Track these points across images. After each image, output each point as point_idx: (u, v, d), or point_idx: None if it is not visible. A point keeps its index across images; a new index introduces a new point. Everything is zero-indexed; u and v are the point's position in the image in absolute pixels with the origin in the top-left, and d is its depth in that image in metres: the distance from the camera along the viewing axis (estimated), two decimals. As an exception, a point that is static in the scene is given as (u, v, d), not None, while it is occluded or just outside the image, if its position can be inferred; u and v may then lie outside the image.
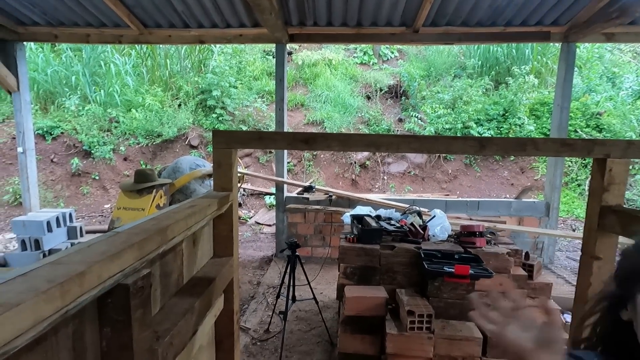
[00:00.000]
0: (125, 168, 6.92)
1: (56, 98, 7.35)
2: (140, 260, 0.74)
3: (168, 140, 7.04)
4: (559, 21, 4.00)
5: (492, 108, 7.08)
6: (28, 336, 0.47)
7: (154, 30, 4.34)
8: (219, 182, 1.42)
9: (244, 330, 2.95)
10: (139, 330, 0.72)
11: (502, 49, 7.76)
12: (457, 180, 6.86)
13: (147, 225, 0.87)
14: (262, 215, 6.20)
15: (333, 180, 6.78)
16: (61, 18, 4.25)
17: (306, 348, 2.73)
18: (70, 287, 0.54)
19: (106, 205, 6.47)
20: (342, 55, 8.58)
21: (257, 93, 7.80)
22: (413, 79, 7.75)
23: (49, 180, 6.64)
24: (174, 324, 0.92)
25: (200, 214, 1.11)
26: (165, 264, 1.01)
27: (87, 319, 0.67)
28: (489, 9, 3.81)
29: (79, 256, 0.63)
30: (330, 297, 3.49)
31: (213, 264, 1.35)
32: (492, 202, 4.60)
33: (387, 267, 2.40)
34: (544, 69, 7.63)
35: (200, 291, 1.12)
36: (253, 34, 4.29)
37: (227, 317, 1.43)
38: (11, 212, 6.06)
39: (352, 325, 2.26)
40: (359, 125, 7.37)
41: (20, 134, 4.64)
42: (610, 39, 4.24)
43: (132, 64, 7.79)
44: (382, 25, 4.11)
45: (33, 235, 3.71)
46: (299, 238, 4.30)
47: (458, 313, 2.22)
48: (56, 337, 0.60)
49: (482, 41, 4.99)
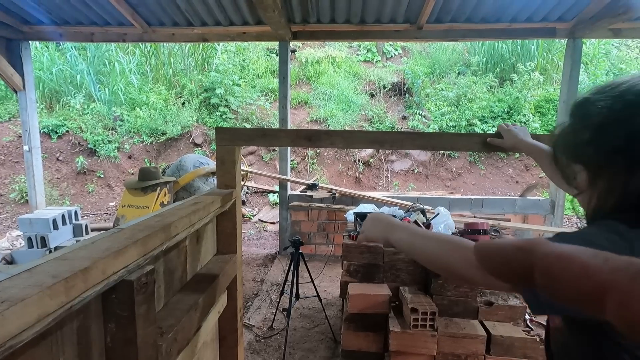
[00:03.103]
0: (130, 166, 6.96)
1: (61, 97, 7.41)
2: (144, 257, 0.75)
3: (172, 139, 7.07)
4: (565, 17, 3.96)
5: (496, 105, 7.03)
6: (33, 331, 0.47)
7: (157, 28, 4.35)
8: (222, 180, 1.42)
9: (248, 327, 2.96)
10: (143, 326, 0.72)
11: (507, 45, 7.69)
12: (461, 178, 6.83)
13: (151, 222, 0.88)
14: (266, 213, 6.21)
15: (336, 178, 6.78)
16: (66, 17, 4.27)
17: (310, 345, 2.74)
18: (74, 283, 0.54)
19: (111, 203, 6.52)
20: (346, 52, 8.55)
21: (260, 91, 7.81)
22: (417, 77, 7.71)
23: (54, 179, 6.70)
24: (177, 320, 0.93)
25: (203, 211, 1.11)
26: (169, 261, 1.02)
27: (92, 315, 0.68)
28: (493, 5, 3.78)
29: (83, 252, 0.64)
30: (333, 294, 3.50)
31: (217, 261, 1.36)
32: (496, 200, 4.57)
33: (391, 265, 2.40)
34: (550, 65, 7.56)
35: (204, 288, 1.12)
36: (256, 32, 4.29)
37: (231, 313, 1.44)
38: (18, 210, 6.12)
39: (355, 322, 2.26)
40: (362, 123, 7.35)
41: (26, 133, 4.68)
42: (617, 35, 4.19)
43: (136, 63, 7.82)
44: (385, 22, 4.09)
45: (39, 233, 3.75)
46: (302, 236, 4.30)
47: (462, 311, 2.21)
48: (61, 332, 0.60)
49: (486, 38, 4.95)
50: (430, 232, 0.77)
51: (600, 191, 0.64)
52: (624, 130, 0.59)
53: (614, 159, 0.60)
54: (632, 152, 0.58)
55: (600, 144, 0.62)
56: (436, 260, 0.71)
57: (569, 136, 0.68)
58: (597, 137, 0.62)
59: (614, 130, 0.60)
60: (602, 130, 0.61)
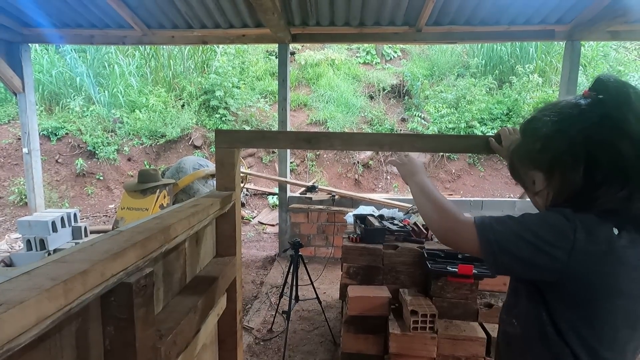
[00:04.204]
0: (129, 168, 6.96)
1: (61, 99, 7.41)
2: (143, 259, 0.75)
3: (171, 141, 7.07)
4: (564, 19, 3.98)
5: (495, 107, 7.04)
6: (32, 334, 0.47)
7: (157, 31, 4.36)
8: (221, 182, 1.42)
9: (247, 329, 2.95)
10: (141, 329, 0.72)
11: (505, 47, 7.71)
12: (460, 180, 6.83)
13: (150, 224, 0.88)
14: (265, 215, 6.21)
15: (336, 180, 6.78)
16: (66, 19, 4.28)
17: (309, 348, 2.73)
18: (73, 285, 0.54)
19: (110, 206, 6.51)
20: (345, 55, 8.57)
21: (260, 93, 7.81)
22: (416, 79, 7.72)
23: (53, 181, 6.69)
24: (176, 323, 0.92)
25: (203, 213, 1.11)
26: (168, 263, 1.02)
27: (91, 317, 0.68)
28: (492, 8, 3.79)
29: (82, 255, 0.64)
30: (333, 296, 3.49)
31: (216, 263, 1.36)
32: (496, 202, 4.58)
33: (390, 267, 2.40)
34: (548, 67, 7.58)
35: (203, 290, 1.12)
36: (256, 34, 4.30)
37: (230, 316, 1.44)
38: (17, 212, 6.10)
39: (355, 325, 2.26)
40: (362, 125, 7.36)
41: (25, 135, 4.68)
42: (615, 37, 4.21)
43: (135, 65, 7.83)
44: (385, 25, 4.10)
45: (38, 235, 3.75)
46: (302, 238, 4.30)
47: (462, 313, 2.21)
48: (60, 334, 0.60)
49: (485, 40, 4.97)
50: (432, 192, 0.94)
51: (555, 187, 0.78)
52: (566, 136, 0.74)
53: (562, 159, 0.75)
54: (574, 152, 0.73)
55: (550, 150, 0.77)
56: (423, 213, 0.91)
57: (523, 149, 0.84)
58: (547, 145, 0.78)
59: (559, 137, 0.76)
60: (550, 138, 0.77)
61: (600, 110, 0.73)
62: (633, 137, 0.70)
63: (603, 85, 0.75)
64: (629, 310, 0.73)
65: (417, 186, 1.00)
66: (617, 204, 0.71)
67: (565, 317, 0.74)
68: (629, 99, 0.71)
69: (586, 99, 0.76)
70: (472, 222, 0.78)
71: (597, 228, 0.70)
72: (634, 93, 0.72)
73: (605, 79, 0.76)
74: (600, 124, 0.72)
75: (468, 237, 0.77)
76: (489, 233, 0.75)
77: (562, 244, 0.70)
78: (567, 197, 0.76)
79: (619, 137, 0.70)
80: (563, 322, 0.74)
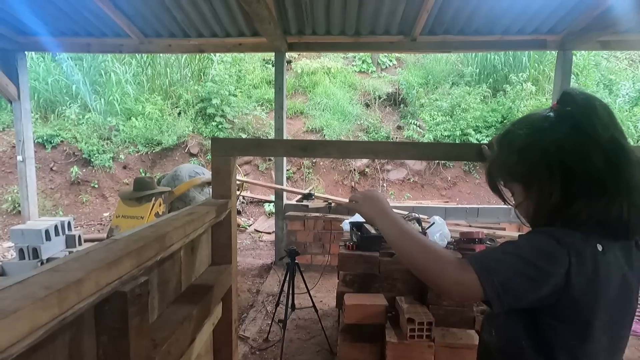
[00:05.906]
0: (125, 176, 6.93)
1: (56, 107, 7.39)
2: (138, 268, 0.74)
3: (167, 149, 7.06)
4: (555, 29, 4.05)
5: (490, 115, 7.12)
6: (24, 344, 0.47)
7: (154, 39, 4.38)
8: (217, 190, 1.42)
9: (243, 339, 2.92)
10: (136, 338, 0.72)
11: (499, 57, 7.82)
12: (456, 187, 6.86)
13: (145, 233, 0.87)
14: (262, 223, 6.19)
15: (332, 188, 6.78)
16: (62, 28, 4.29)
17: (306, 357, 2.71)
18: (67, 295, 0.54)
19: (105, 214, 6.46)
20: (341, 63, 8.65)
21: (256, 101, 7.84)
22: (411, 87, 7.80)
23: (48, 189, 6.64)
24: (171, 332, 0.92)
25: (198, 222, 1.11)
26: (163, 272, 1.01)
27: (84, 327, 0.67)
28: (485, 18, 3.85)
29: (76, 263, 0.63)
30: (329, 305, 3.47)
31: (211, 271, 1.35)
32: (491, 209, 4.59)
33: (387, 275, 2.39)
34: (541, 76, 7.69)
35: (199, 299, 1.11)
36: (252, 43, 4.33)
37: (226, 325, 1.42)
38: (10, 221, 6.04)
39: (351, 333, 2.24)
40: (358, 133, 7.40)
41: (20, 143, 4.65)
42: (605, 47, 4.28)
43: (132, 73, 7.84)
44: (380, 34, 4.15)
45: (31, 244, 3.70)
46: (298, 246, 4.28)
47: (458, 320, 2.21)
48: (53, 344, 0.59)
49: (479, 49, 5.04)
50: (415, 235, 0.82)
51: (534, 199, 0.80)
52: (540, 147, 0.77)
53: (538, 170, 0.77)
54: (549, 163, 0.76)
55: (526, 161, 0.79)
56: (415, 264, 0.80)
57: (500, 162, 0.86)
58: (523, 157, 0.79)
59: (533, 149, 0.78)
60: (524, 150, 0.79)
61: (570, 121, 0.75)
62: (602, 145, 0.72)
63: (570, 98, 0.78)
64: (615, 320, 0.76)
65: (393, 227, 0.85)
66: (598, 216, 0.72)
67: (558, 333, 0.75)
68: (596, 110, 0.74)
69: (555, 111, 0.79)
70: (472, 268, 0.72)
71: (584, 248, 0.72)
72: (600, 104, 0.76)
73: (573, 92, 0.78)
74: (571, 134, 0.74)
75: (473, 286, 0.72)
76: (492, 277, 0.72)
77: (560, 270, 0.71)
78: (549, 211, 0.77)
79: (590, 146, 0.73)
80: (555, 338, 0.75)
